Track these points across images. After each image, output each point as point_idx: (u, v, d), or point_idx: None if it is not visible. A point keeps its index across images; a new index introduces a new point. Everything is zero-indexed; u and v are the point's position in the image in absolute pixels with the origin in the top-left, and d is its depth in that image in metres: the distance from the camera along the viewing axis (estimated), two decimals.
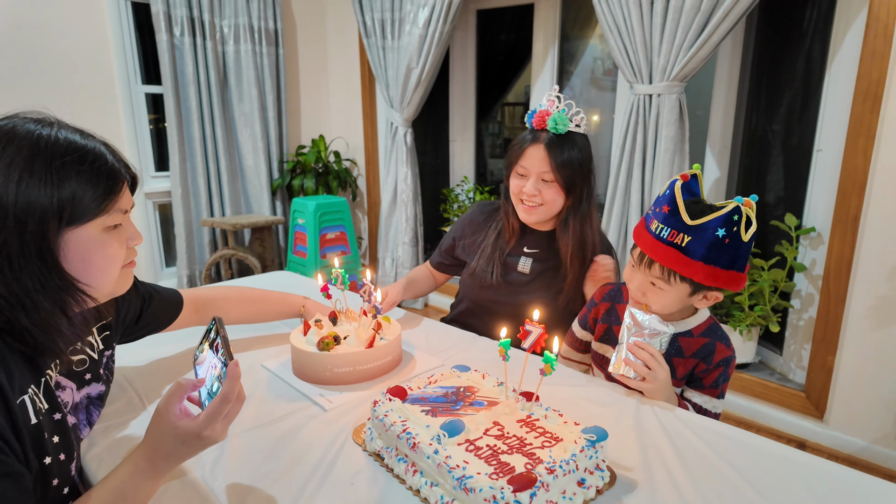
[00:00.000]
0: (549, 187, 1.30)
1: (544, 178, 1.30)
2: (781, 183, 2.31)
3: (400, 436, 0.78)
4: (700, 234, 0.93)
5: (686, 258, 0.94)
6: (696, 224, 0.93)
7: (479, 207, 1.55)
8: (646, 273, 1.01)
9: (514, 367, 0.91)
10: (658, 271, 0.99)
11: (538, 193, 1.30)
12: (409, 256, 3.38)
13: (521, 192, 1.33)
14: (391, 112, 3.30)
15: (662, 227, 0.97)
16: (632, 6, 2.14)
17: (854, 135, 1.82)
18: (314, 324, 1.08)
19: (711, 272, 0.94)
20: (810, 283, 2.09)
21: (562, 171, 1.27)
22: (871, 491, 0.76)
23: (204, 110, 3.23)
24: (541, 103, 1.32)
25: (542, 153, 1.28)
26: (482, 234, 1.48)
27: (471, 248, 1.49)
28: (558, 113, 1.28)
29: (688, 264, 0.94)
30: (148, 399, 1.00)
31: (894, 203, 1.76)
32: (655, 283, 1.01)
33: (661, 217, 0.98)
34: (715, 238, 0.92)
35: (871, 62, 1.76)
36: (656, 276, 1.00)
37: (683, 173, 0.98)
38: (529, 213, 1.34)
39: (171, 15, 3.04)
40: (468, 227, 1.52)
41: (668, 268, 0.97)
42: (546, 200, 1.31)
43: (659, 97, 2.16)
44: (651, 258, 0.99)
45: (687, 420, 0.95)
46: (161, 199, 3.28)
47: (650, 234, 1.00)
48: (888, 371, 1.84)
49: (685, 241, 0.94)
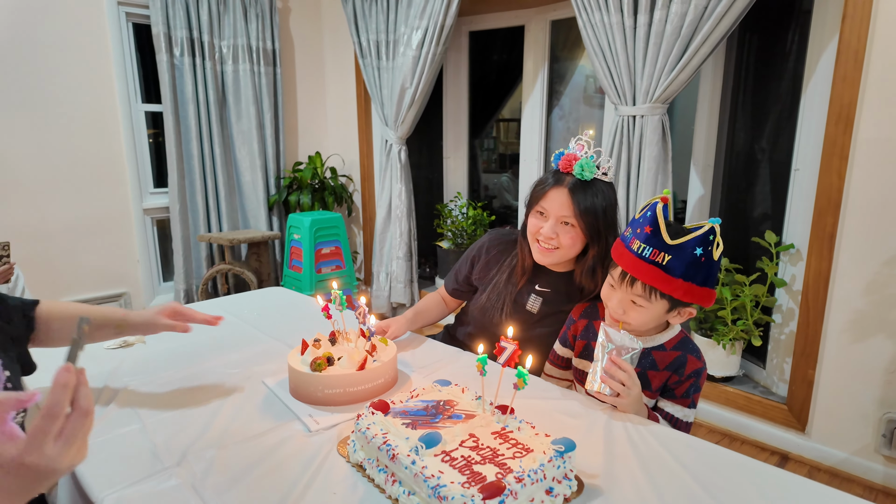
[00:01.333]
0: (568, 231, 1.28)
1: (564, 222, 1.28)
2: (762, 200, 2.38)
3: (381, 447, 0.83)
4: (680, 253, 0.99)
5: (667, 276, 1.00)
6: (676, 244, 0.99)
7: (494, 237, 1.52)
8: (627, 291, 1.06)
9: (492, 381, 0.96)
10: (640, 289, 1.04)
11: (555, 237, 1.28)
12: (403, 271, 3.43)
13: (539, 233, 1.31)
14: (386, 130, 3.37)
15: (644, 246, 1.02)
16: (615, 31, 2.22)
17: (828, 155, 1.89)
18: (312, 343, 1.13)
19: (689, 289, 1.00)
20: (790, 298, 2.15)
21: (585, 217, 1.26)
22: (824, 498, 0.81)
23: (202, 128, 3.30)
24: (570, 146, 1.30)
25: (565, 197, 1.26)
26: (495, 267, 1.48)
27: (481, 277, 1.50)
28: (586, 159, 1.25)
29: (668, 281, 1.00)
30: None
31: (867, 221, 1.83)
32: (636, 300, 1.06)
33: (643, 237, 1.03)
34: (693, 257, 0.99)
35: (843, 86, 1.83)
36: (638, 294, 1.05)
37: (663, 196, 1.05)
38: (544, 255, 1.33)
39: (172, 36, 3.13)
40: (484, 255, 1.51)
41: (650, 285, 1.02)
42: (563, 244, 1.29)
43: (642, 118, 2.23)
44: (633, 276, 1.04)
45: (655, 432, 1.00)
46: (159, 214, 3.34)
47: (632, 254, 1.04)
48: (866, 384, 1.89)
49: (666, 260, 1.00)
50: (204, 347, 1.38)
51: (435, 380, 1.05)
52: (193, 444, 0.94)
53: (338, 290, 1.20)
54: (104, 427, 0.98)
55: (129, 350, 1.36)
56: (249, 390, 1.15)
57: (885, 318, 1.83)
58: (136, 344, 1.39)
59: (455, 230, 3.48)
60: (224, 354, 1.34)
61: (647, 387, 1.13)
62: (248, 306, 1.75)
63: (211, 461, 0.89)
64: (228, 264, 3.30)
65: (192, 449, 0.92)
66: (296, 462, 0.89)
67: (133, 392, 1.13)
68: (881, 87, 1.76)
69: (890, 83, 1.74)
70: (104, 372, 1.22)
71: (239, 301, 1.83)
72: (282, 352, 1.36)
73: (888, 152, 1.76)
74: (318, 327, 1.47)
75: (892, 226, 1.78)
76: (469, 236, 3.45)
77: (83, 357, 0.61)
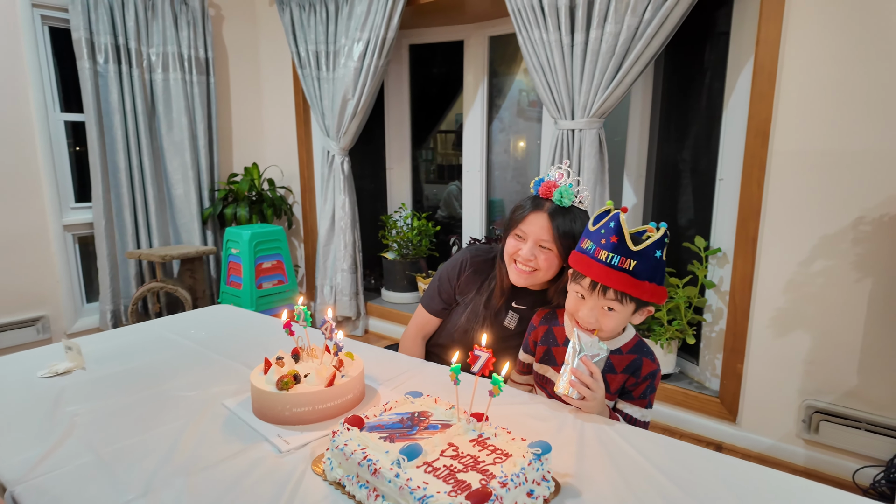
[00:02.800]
0: (546, 255, 1.33)
1: (542, 245, 1.32)
2: (691, 208, 2.56)
3: (361, 463, 0.82)
4: (643, 258, 1.07)
5: (636, 280, 1.07)
6: (640, 249, 1.07)
7: (474, 254, 1.54)
8: (599, 299, 1.11)
9: (464, 390, 0.98)
10: (612, 295, 1.10)
11: (534, 259, 1.33)
12: (349, 283, 3.39)
13: (517, 254, 1.35)
14: (327, 141, 3.34)
15: (612, 255, 1.08)
16: (554, 49, 2.32)
17: (749, 166, 2.06)
18: (275, 361, 1.10)
19: (654, 290, 1.09)
20: (719, 299, 2.32)
21: (563, 241, 1.31)
22: (778, 483, 0.89)
23: (130, 139, 3.13)
24: (549, 173, 1.35)
25: (545, 221, 1.31)
26: (474, 288, 1.50)
27: (464, 293, 1.52)
28: (565, 186, 1.31)
29: (637, 285, 1.08)
30: None
31: (785, 226, 2.01)
32: (611, 306, 1.11)
33: (609, 247, 1.09)
34: (655, 260, 1.08)
35: (759, 104, 2.01)
36: (611, 300, 1.10)
37: (622, 207, 1.12)
38: (521, 277, 1.36)
39: (95, 42, 2.95)
40: (467, 269, 1.53)
41: (622, 291, 1.09)
42: (541, 267, 1.33)
43: (581, 132, 2.34)
44: (605, 285, 1.09)
45: (619, 430, 1.05)
46: (82, 231, 3.12)
47: (601, 264, 1.10)
48: (788, 375, 2.07)
49: (632, 266, 1.07)
50: (153, 370, 1.31)
51: (406, 392, 1.05)
52: (158, 472, 0.89)
53: (301, 305, 1.18)
54: (55, 462, 0.91)
55: (69, 377, 1.27)
56: (210, 413, 1.10)
57: (803, 314, 2.01)
58: (76, 370, 1.30)
59: (400, 241, 3.48)
60: (177, 377, 1.28)
61: (605, 389, 1.19)
62: (194, 326, 1.67)
63: (181, 489, 0.85)
64: (160, 282, 3.13)
65: (158, 477, 0.87)
66: (270, 484, 0.87)
67: (81, 422, 1.06)
68: (792, 104, 1.94)
69: (800, 101, 1.93)
70: (45, 402, 1.13)
71: (182, 321, 1.74)
72: (239, 371, 1.31)
73: (800, 163, 1.95)
74: (273, 344, 1.44)
75: (805, 230, 1.97)
76: (414, 247, 3.47)
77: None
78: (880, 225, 1.84)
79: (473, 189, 3.41)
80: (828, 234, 1.93)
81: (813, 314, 1.99)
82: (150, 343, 1.52)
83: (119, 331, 1.63)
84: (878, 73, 1.78)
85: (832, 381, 1.98)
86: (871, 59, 1.78)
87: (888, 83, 1.76)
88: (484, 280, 1.50)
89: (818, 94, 1.89)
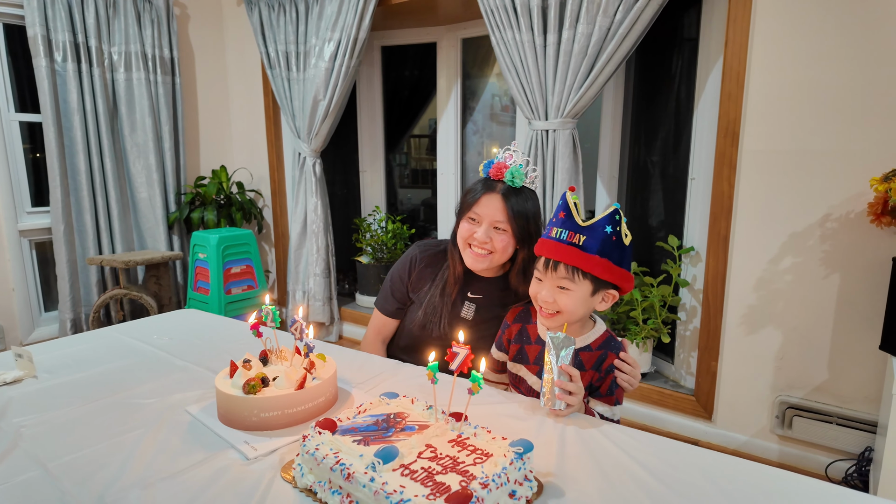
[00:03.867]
0: (501, 236, 1.32)
1: (497, 227, 1.31)
2: (663, 208, 2.58)
3: (333, 468, 0.78)
4: (592, 232, 1.08)
5: (585, 254, 1.08)
6: (588, 224, 1.09)
7: (423, 249, 1.52)
8: (552, 277, 1.11)
9: (441, 389, 0.94)
10: (563, 271, 1.10)
11: (489, 241, 1.31)
12: (322, 288, 3.32)
13: (472, 238, 1.33)
14: (298, 143, 3.27)
15: (561, 230, 1.10)
16: (527, 49, 2.32)
17: (720, 165, 2.09)
18: (242, 365, 1.04)
19: (607, 266, 1.08)
20: (693, 297, 2.33)
21: (517, 220, 1.30)
22: (755, 474, 0.88)
23: (91, 140, 3.01)
24: (498, 156, 1.35)
25: (498, 202, 1.31)
26: (428, 282, 1.47)
27: (417, 290, 1.49)
28: (516, 167, 1.31)
29: (587, 259, 1.08)
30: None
31: (755, 224, 2.03)
32: (562, 284, 1.11)
33: (559, 223, 1.11)
34: (605, 234, 1.07)
35: (728, 104, 2.04)
36: (562, 277, 1.10)
37: (571, 186, 1.12)
38: (477, 260, 1.35)
39: (52, 39, 2.83)
40: (416, 266, 1.50)
41: (571, 265, 1.09)
42: (496, 248, 1.32)
43: (554, 132, 2.34)
44: (556, 260, 1.10)
45: (599, 427, 1.03)
46: (39, 236, 2.98)
47: (552, 240, 1.12)
48: (760, 371, 2.09)
49: (582, 241, 1.08)
50: (111, 378, 1.24)
51: (381, 393, 1.01)
52: (111, 486, 0.82)
53: (269, 305, 1.12)
54: None
55: (17, 387, 1.19)
56: (171, 421, 1.04)
57: (773, 311, 2.03)
58: (27, 378, 1.21)
59: (375, 244, 3.43)
60: (135, 384, 1.21)
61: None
62: (157, 331, 1.60)
63: (136, 503, 0.78)
64: (124, 289, 3.01)
65: (111, 491, 0.81)
66: (236, 493, 0.81)
67: (28, 434, 0.98)
68: (760, 104, 1.97)
69: (767, 101, 1.96)
70: None
71: (145, 326, 1.66)
72: (203, 377, 1.25)
73: (768, 162, 1.98)
74: (241, 349, 1.38)
75: (774, 227, 1.99)
76: (389, 250, 3.42)
77: None
78: (846, 222, 1.88)
79: (448, 191, 3.38)
80: (796, 232, 1.96)
81: (783, 311, 2.01)
82: (109, 350, 1.44)
83: (75, 337, 1.55)
84: (842, 75, 1.82)
85: (803, 377, 2.01)
86: (836, 61, 1.82)
87: (852, 85, 1.81)
88: (437, 273, 1.47)
89: (785, 95, 1.92)
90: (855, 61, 1.79)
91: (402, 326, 1.56)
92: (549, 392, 1.05)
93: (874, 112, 1.78)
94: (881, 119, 1.77)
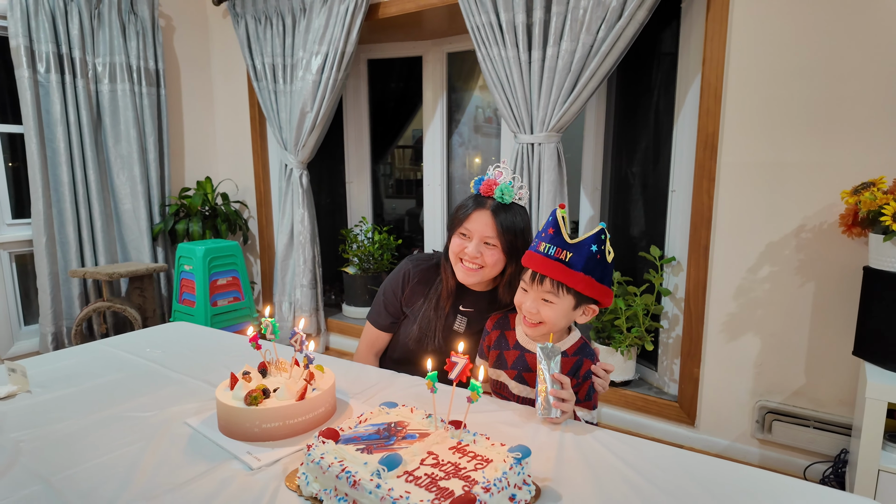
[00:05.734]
0: (491, 251, 1.35)
1: (487, 242, 1.35)
2: (645, 219, 2.65)
3: (339, 475, 0.80)
4: (578, 250, 1.13)
5: (570, 270, 1.13)
6: (575, 242, 1.14)
7: (416, 264, 1.54)
8: (538, 290, 1.17)
9: (440, 398, 0.97)
10: (548, 286, 1.15)
11: (480, 256, 1.35)
12: (308, 299, 3.32)
13: (463, 252, 1.37)
14: (285, 154, 3.28)
15: (549, 246, 1.15)
16: (512, 65, 2.38)
17: (699, 178, 2.16)
18: (242, 376, 1.06)
19: (589, 283, 1.14)
20: (675, 306, 2.40)
21: (506, 235, 1.34)
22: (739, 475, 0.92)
23: (74, 152, 2.98)
24: (488, 172, 1.38)
25: (488, 218, 1.34)
26: (421, 297, 1.50)
27: (410, 304, 1.52)
28: (506, 184, 1.35)
29: (571, 275, 1.13)
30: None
31: (734, 234, 2.11)
32: (546, 297, 1.16)
33: (547, 238, 1.17)
34: (590, 252, 1.13)
35: (707, 118, 2.12)
36: (547, 291, 1.15)
37: (561, 203, 1.17)
38: (468, 275, 1.38)
39: (35, 50, 2.81)
40: (410, 281, 1.52)
41: (556, 280, 1.14)
42: (487, 263, 1.36)
43: (540, 146, 2.39)
44: (542, 274, 1.15)
45: (591, 432, 1.06)
46: (20, 248, 2.94)
47: (540, 255, 1.17)
48: (741, 377, 2.15)
49: (568, 257, 1.13)
50: (106, 391, 1.24)
51: (381, 403, 1.03)
52: (116, 499, 0.83)
53: (269, 318, 1.14)
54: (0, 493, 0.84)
55: (12, 401, 1.18)
56: (171, 433, 1.05)
57: (752, 318, 2.11)
58: (21, 393, 1.21)
59: (361, 255, 3.44)
60: (132, 398, 1.21)
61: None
62: (148, 344, 1.59)
63: None
64: (107, 302, 2.97)
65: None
66: (242, 503, 0.83)
67: (28, 448, 0.98)
68: (737, 119, 2.06)
69: (744, 115, 2.04)
70: None
71: (136, 339, 1.66)
72: (201, 389, 1.25)
73: (745, 174, 2.06)
74: (236, 360, 1.39)
75: (752, 237, 2.07)
76: (376, 261, 3.44)
77: None
78: (819, 232, 1.96)
79: (434, 202, 3.42)
80: (773, 242, 2.04)
81: (761, 318, 2.08)
82: (101, 363, 1.43)
83: (65, 351, 1.54)
84: (815, 91, 1.91)
85: (782, 382, 2.08)
86: (808, 77, 1.91)
87: (824, 100, 1.89)
88: (430, 287, 1.51)
89: (761, 110, 2.01)
90: (826, 78, 1.88)
91: (396, 340, 1.58)
92: (545, 402, 1.09)
93: (844, 126, 1.87)
94: (851, 133, 1.86)
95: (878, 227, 1.62)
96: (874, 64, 1.80)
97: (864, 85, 1.83)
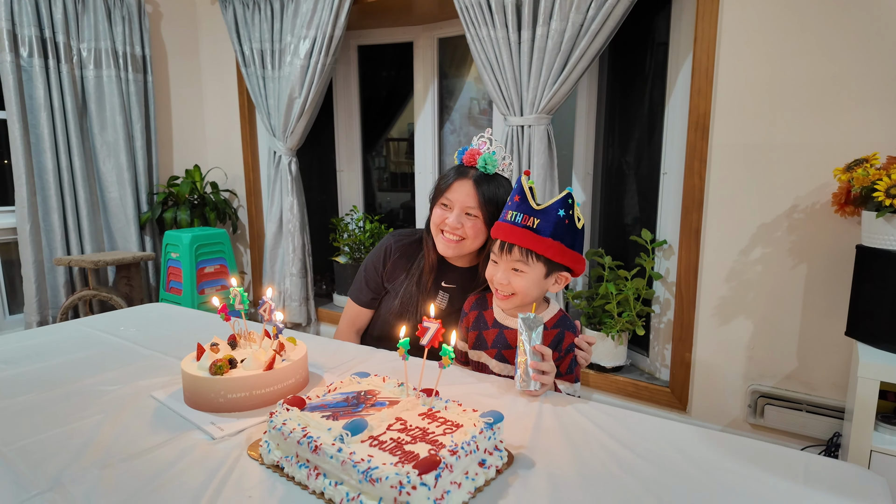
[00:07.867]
0: (472, 222, 1.32)
1: (468, 213, 1.31)
2: (637, 202, 2.61)
3: (300, 441, 0.76)
4: (545, 215, 1.10)
5: (538, 236, 1.10)
6: (542, 207, 1.11)
7: (397, 239, 1.51)
8: (507, 259, 1.14)
9: (413, 369, 0.93)
10: (517, 254, 1.12)
11: (461, 227, 1.31)
12: (298, 288, 3.28)
13: (444, 223, 1.33)
14: (274, 141, 3.24)
15: (516, 213, 1.12)
16: (502, 46, 2.34)
17: (690, 159, 2.12)
18: (209, 347, 1.02)
19: (560, 248, 1.10)
20: (666, 290, 2.36)
21: (488, 206, 1.30)
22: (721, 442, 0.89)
23: (59, 139, 2.93)
24: (472, 142, 1.35)
25: (470, 188, 1.31)
26: (403, 273, 1.46)
27: (392, 279, 1.48)
28: (489, 154, 1.31)
29: (540, 241, 1.10)
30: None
31: (726, 216, 2.07)
32: (516, 266, 1.13)
33: (514, 206, 1.13)
34: (558, 217, 1.09)
35: (698, 98, 2.08)
36: (516, 259, 1.12)
37: (526, 170, 1.13)
38: (449, 246, 1.35)
39: (18, 34, 2.76)
40: (391, 256, 1.49)
41: (525, 248, 1.10)
42: (468, 234, 1.32)
43: (529, 128, 2.35)
44: (511, 243, 1.12)
45: (572, 403, 1.03)
46: (3, 237, 2.89)
47: (507, 223, 1.14)
48: (733, 361, 2.12)
49: (536, 224, 1.10)
50: (73, 368, 1.20)
51: (353, 373, 0.99)
52: (68, 468, 0.80)
53: (238, 287, 1.10)
54: None
55: None
56: (135, 406, 1.01)
57: (743, 302, 2.07)
58: None
59: (352, 244, 3.40)
60: (99, 373, 1.17)
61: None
62: (124, 323, 1.55)
63: (94, 482, 0.76)
64: (93, 290, 2.93)
65: (68, 472, 0.78)
66: (200, 470, 0.79)
67: None
68: (729, 99, 2.02)
69: (735, 96, 2.00)
70: None
71: (111, 319, 1.62)
72: (170, 364, 1.22)
73: (737, 155, 2.02)
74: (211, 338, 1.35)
75: (744, 219, 2.03)
76: (367, 250, 3.39)
77: None
78: (812, 213, 1.92)
79: (425, 191, 3.38)
80: (765, 223, 2.00)
81: (753, 301, 2.05)
82: (72, 341, 1.39)
83: (38, 330, 1.50)
84: (806, 70, 1.87)
85: (774, 366, 2.04)
86: (799, 57, 1.87)
87: (815, 80, 1.86)
88: (412, 263, 1.47)
89: (752, 91, 1.97)
90: (817, 57, 1.85)
91: (377, 316, 1.55)
92: (524, 374, 1.05)
93: (836, 105, 1.83)
94: (842, 112, 1.82)
95: (871, 204, 1.59)
96: (866, 41, 1.77)
97: (856, 62, 1.79)
